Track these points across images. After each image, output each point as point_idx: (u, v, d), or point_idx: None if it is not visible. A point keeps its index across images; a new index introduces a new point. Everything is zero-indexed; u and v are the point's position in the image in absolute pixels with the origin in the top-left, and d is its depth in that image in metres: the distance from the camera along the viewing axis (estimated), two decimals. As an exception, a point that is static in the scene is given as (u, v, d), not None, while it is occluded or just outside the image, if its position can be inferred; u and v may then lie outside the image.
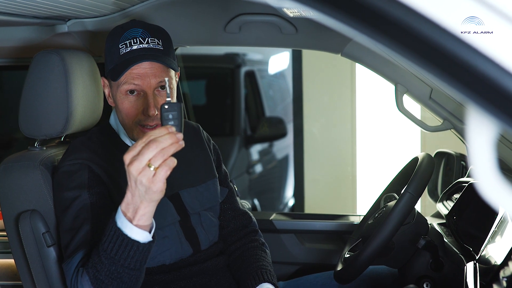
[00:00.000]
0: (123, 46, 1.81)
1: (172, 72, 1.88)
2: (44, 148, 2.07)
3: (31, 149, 2.06)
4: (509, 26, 0.82)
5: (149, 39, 1.83)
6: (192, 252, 1.97)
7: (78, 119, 2.02)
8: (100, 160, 1.88)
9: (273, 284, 1.97)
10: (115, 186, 1.86)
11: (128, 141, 1.95)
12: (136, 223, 1.52)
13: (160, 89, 1.85)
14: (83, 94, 2.02)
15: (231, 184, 2.21)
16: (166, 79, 1.56)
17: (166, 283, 1.93)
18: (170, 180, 1.96)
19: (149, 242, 1.56)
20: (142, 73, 1.81)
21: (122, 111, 1.86)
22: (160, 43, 1.84)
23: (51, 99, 1.95)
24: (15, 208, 1.95)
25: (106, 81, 1.93)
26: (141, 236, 1.53)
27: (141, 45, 1.81)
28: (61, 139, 2.22)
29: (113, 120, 1.99)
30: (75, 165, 1.86)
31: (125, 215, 1.52)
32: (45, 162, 1.96)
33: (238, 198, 2.22)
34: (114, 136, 1.96)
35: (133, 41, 1.81)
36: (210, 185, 2.07)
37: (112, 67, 1.83)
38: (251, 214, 2.21)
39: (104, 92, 1.96)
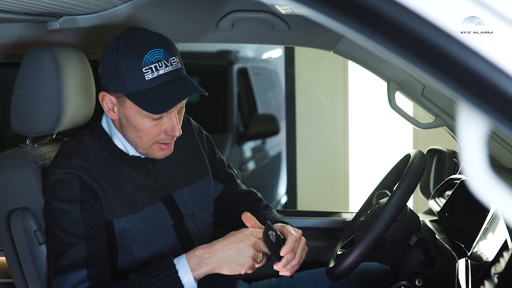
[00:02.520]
0: (148, 71, 1.73)
1: None
2: (36, 146, 2.06)
3: (23, 146, 2.05)
4: (503, 24, 0.82)
5: (170, 59, 1.77)
6: None
7: (70, 116, 2.01)
8: (91, 168, 1.84)
9: (279, 221, 1.98)
10: (105, 194, 1.84)
11: (121, 146, 1.91)
12: (195, 275, 1.71)
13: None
14: (74, 91, 2.01)
15: (229, 170, 2.21)
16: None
17: None
18: (163, 181, 1.96)
19: None
20: None
21: (141, 130, 1.82)
22: (178, 61, 1.81)
23: (42, 96, 1.95)
24: (7, 206, 1.94)
25: (111, 97, 1.82)
26: (190, 282, 1.72)
27: (166, 69, 1.76)
28: (53, 136, 2.22)
29: (105, 123, 1.94)
30: (66, 175, 1.82)
31: (189, 261, 1.72)
32: (37, 159, 1.95)
33: (239, 181, 2.22)
34: (106, 140, 1.92)
35: (159, 64, 1.74)
36: (202, 183, 2.06)
37: (137, 92, 1.75)
38: (255, 191, 2.23)
39: (103, 106, 1.86)
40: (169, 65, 1.77)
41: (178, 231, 1.96)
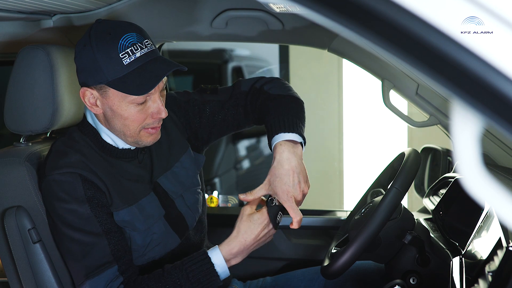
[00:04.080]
0: (125, 55, 1.73)
1: None
2: (30, 144, 2.06)
3: (17, 145, 2.04)
4: (503, 24, 0.82)
5: (144, 42, 1.78)
6: (180, 242, 1.98)
7: (64, 114, 2.00)
8: (88, 162, 1.84)
9: (291, 131, 1.93)
10: (105, 187, 1.84)
11: (110, 140, 1.91)
12: (229, 265, 1.84)
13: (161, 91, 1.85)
14: (69, 90, 2.01)
15: (203, 96, 2.13)
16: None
17: None
18: (149, 171, 1.96)
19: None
20: None
21: (128, 118, 1.81)
22: (151, 43, 1.81)
23: (36, 94, 1.94)
24: (0, 205, 1.94)
25: (92, 91, 1.81)
26: (225, 274, 1.85)
27: (142, 51, 1.76)
28: (47, 134, 2.21)
29: (90, 119, 1.93)
30: (65, 175, 1.80)
31: (224, 256, 1.82)
32: (31, 158, 1.95)
33: (219, 93, 2.14)
34: (95, 136, 1.91)
35: (134, 48, 1.75)
36: (184, 161, 2.06)
37: (118, 78, 1.75)
38: (239, 80, 2.16)
39: (85, 103, 1.84)
40: (144, 47, 1.77)
41: (169, 219, 1.96)
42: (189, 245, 2.03)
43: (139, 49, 1.76)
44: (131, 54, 1.74)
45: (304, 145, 1.95)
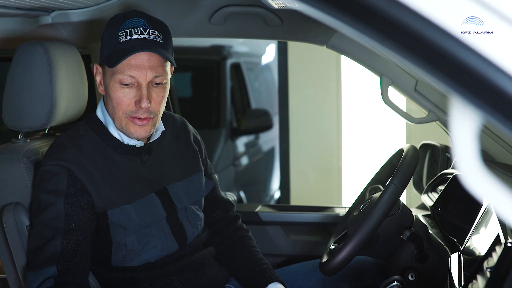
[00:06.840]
0: (123, 34, 1.80)
1: (168, 67, 1.89)
2: (28, 141, 2.05)
3: (15, 141, 2.04)
4: (503, 24, 0.82)
5: (150, 30, 1.82)
6: (177, 248, 1.97)
7: (62, 111, 2.00)
8: (84, 159, 1.85)
9: (280, 281, 2.06)
10: (97, 186, 1.84)
11: (116, 134, 1.92)
12: None
13: (155, 84, 1.85)
14: (67, 86, 2.01)
15: (214, 175, 2.22)
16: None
17: (152, 280, 1.92)
18: (158, 174, 1.96)
19: None
20: (139, 64, 1.80)
21: (114, 99, 1.85)
22: (160, 36, 1.84)
23: (34, 91, 1.94)
24: (-1, 201, 1.94)
25: (99, 68, 1.90)
26: None
27: (141, 35, 1.80)
28: (45, 131, 2.21)
29: (100, 112, 1.95)
30: (55, 167, 1.83)
31: None
32: (29, 154, 1.94)
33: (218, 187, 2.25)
34: (102, 129, 1.93)
35: (134, 30, 1.80)
36: (195, 178, 2.07)
37: (109, 54, 1.82)
38: (232, 202, 2.26)
39: (95, 80, 1.93)
40: (145, 33, 1.81)
41: (171, 223, 1.96)
42: (187, 252, 2.02)
43: (139, 33, 1.81)
44: (128, 35, 1.80)
45: None
